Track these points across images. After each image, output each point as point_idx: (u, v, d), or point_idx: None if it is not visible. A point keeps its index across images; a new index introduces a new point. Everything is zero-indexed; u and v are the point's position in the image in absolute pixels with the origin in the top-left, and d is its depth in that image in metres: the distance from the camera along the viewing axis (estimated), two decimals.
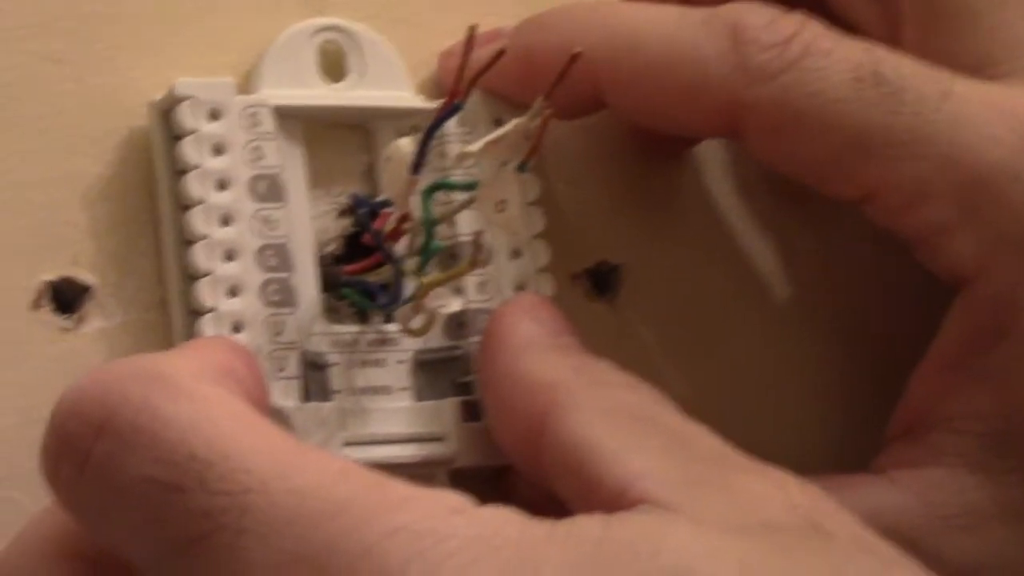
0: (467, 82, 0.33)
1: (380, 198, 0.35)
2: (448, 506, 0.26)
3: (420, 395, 0.36)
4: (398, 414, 0.35)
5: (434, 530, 0.25)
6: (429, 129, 0.33)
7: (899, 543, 0.27)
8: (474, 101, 0.37)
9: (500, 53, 0.32)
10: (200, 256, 0.34)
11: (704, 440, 0.30)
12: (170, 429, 0.26)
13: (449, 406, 0.36)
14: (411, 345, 0.36)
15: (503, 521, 0.26)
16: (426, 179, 0.35)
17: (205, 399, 0.27)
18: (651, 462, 0.28)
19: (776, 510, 0.27)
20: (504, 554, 0.25)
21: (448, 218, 0.36)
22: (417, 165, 0.33)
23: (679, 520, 0.26)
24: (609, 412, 0.30)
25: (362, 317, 0.36)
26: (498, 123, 0.36)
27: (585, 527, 0.26)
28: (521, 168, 0.33)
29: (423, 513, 0.25)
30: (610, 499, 0.27)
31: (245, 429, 0.27)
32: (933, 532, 0.35)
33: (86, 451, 0.27)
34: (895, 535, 0.28)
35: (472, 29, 0.32)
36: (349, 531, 0.25)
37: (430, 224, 0.34)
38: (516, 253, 0.37)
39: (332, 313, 0.36)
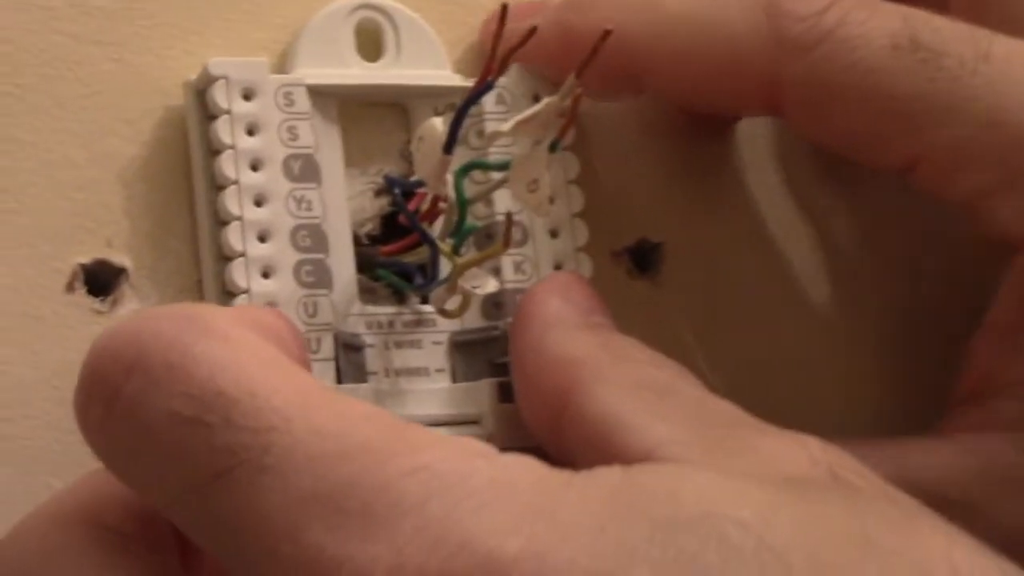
0: (500, 60, 0.32)
1: (414, 178, 0.35)
2: (470, 450, 0.26)
3: (457, 376, 0.36)
4: (434, 396, 0.35)
5: (455, 471, 0.25)
6: (460, 108, 0.33)
7: (957, 506, 0.27)
8: (513, 79, 0.37)
9: (532, 30, 0.32)
10: (233, 237, 0.33)
11: (728, 412, 0.30)
12: (200, 367, 0.26)
13: (485, 387, 0.35)
14: (448, 326, 0.36)
15: (524, 467, 0.26)
16: (464, 158, 0.35)
17: (238, 341, 0.27)
18: (674, 431, 0.28)
19: (797, 465, 0.27)
20: (523, 497, 0.24)
21: (482, 198, 0.35)
22: (449, 145, 0.32)
23: (698, 468, 0.26)
24: (633, 387, 0.30)
25: (399, 298, 0.36)
26: (537, 101, 0.36)
27: (604, 475, 0.26)
28: (553, 147, 0.32)
29: (445, 455, 0.25)
30: None
31: (274, 371, 0.27)
32: (991, 496, 0.35)
33: (116, 389, 0.27)
34: (953, 497, 0.27)
35: (505, 7, 0.32)
36: (368, 469, 0.25)
37: (463, 204, 0.33)
38: (555, 232, 0.37)
39: (368, 294, 0.36)
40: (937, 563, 0.24)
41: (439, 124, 0.33)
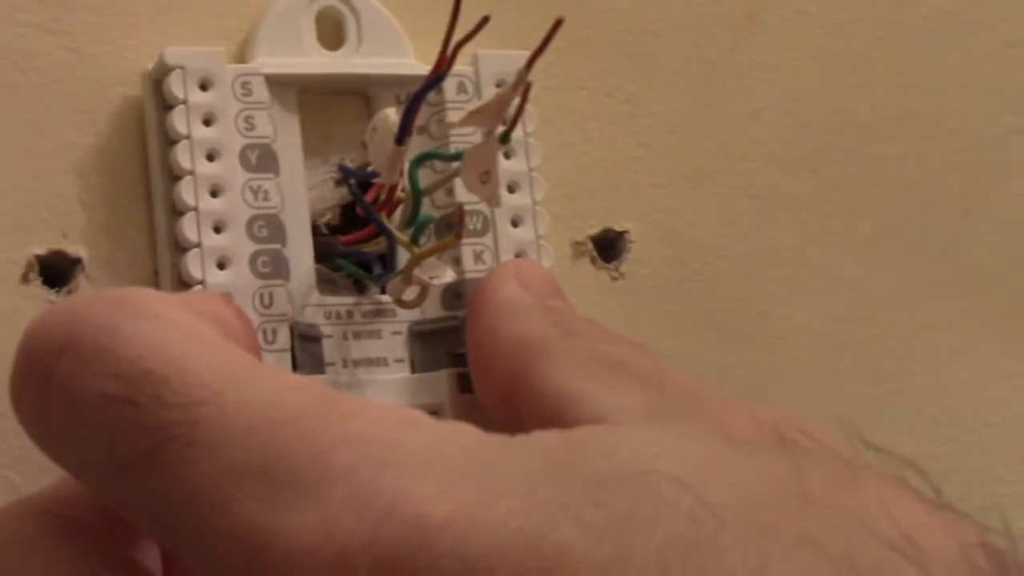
0: (452, 51, 0.32)
1: (371, 168, 0.35)
2: (401, 417, 0.25)
3: (416, 367, 0.36)
4: (393, 386, 0.35)
5: (384, 438, 0.24)
6: (412, 99, 0.32)
7: None
8: (476, 67, 0.37)
9: (484, 20, 0.32)
10: (188, 228, 0.33)
11: (681, 381, 0.29)
12: (130, 347, 0.26)
13: (445, 378, 0.35)
14: (407, 316, 0.35)
15: (457, 432, 0.25)
16: (425, 147, 0.35)
17: (168, 320, 0.27)
18: (623, 400, 0.28)
19: (741, 427, 0.27)
20: (455, 461, 0.24)
21: (436, 189, 0.35)
22: (401, 136, 0.32)
23: (635, 428, 0.26)
24: (585, 361, 0.30)
25: (359, 288, 0.36)
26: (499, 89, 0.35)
27: (540, 437, 0.25)
28: (503, 139, 0.32)
29: (374, 422, 0.25)
30: None
31: (204, 348, 0.27)
32: None
33: (48, 371, 0.27)
34: None
35: None
36: (297, 439, 0.25)
37: (418, 195, 0.33)
38: (516, 221, 0.36)
39: (328, 284, 0.36)
40: (878, 517, 0.24)
41: (392, 115, 0.33)
